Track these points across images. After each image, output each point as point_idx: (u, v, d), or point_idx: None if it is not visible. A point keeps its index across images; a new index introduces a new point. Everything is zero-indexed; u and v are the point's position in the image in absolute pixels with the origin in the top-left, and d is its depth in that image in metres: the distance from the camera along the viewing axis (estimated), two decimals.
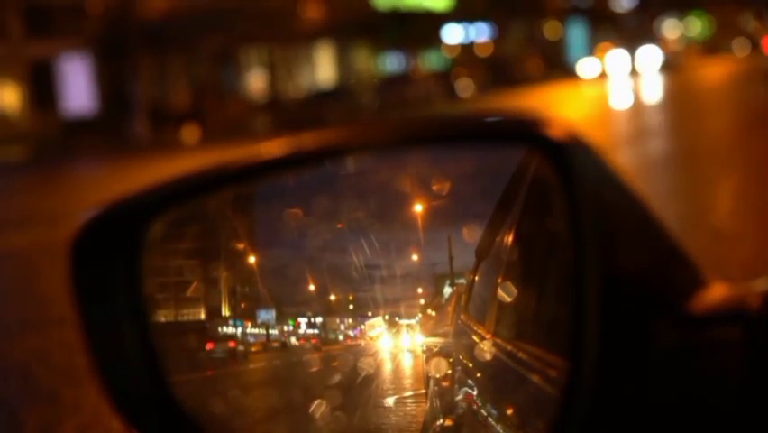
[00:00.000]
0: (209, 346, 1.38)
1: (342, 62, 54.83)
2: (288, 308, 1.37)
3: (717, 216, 10.08)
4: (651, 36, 59.09)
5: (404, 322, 1.34)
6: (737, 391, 1.00)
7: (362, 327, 1.36)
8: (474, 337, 1.41)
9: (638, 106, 30.58)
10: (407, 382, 1.39)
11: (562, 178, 1.07)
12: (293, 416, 1.35)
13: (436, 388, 1.40)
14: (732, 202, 11.06)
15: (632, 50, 55.59)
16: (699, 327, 1.03)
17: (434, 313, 1.35)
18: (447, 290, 1.35)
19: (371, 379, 1.36)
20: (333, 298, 1.36)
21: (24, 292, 10.29)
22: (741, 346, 1.02)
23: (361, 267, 1.31)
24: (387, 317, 1.34)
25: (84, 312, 1.17)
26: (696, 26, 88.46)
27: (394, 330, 1.34)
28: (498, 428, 1.28)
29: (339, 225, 1.33)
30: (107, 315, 1.20)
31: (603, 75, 53.55)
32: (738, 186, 12.09)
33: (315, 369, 1.36)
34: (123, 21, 39.00)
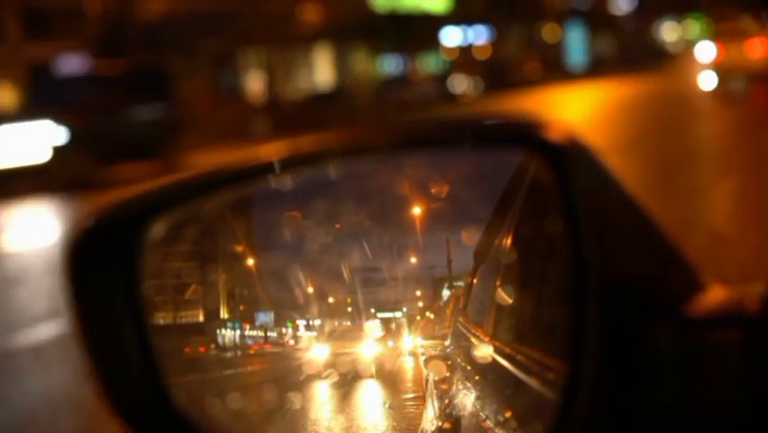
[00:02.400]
0: (206, 348, 1.38)
1: (341, 65, 54.86)
2: (286, 310, 1.37)
3: (716, 219, 10.09)
4: None
5: (402, 325, 1.34)
6: (736, 393, 1.01)
7: (361, 329, 1.36)
8: (473, 340, 1.41)
9: None
10: (406, 384, 1.39)
11: (560, 181, 1.07)
12: (291, 418, 1.35)
13: (434, 390, 1.40)
14: (730, 205, 11.07)
15: None
16: (698, 330, 1.03)
17: (432, 316, 1.35)
18: (445, 293, 1.35)
19: (369, 381, 1.36)
20: (331, 300, 1.36)
21: None
22: (740, 349, 1.02)
23: (359, 270, 1.31)
24: (385, 319, 1.34)
25: (82, 314, 1.17)
26: (694, 29, 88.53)
27: (392, 333, 1.34)
28: (497, 431, 1.28)
29: (337, 228, 1.32)
30: (106, 317, 1.19)
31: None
32: (736, 188, 12.10)
33: (313, 371, 1.36)
34: (121, 23, 39.01)
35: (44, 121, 20.81)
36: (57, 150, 20.66)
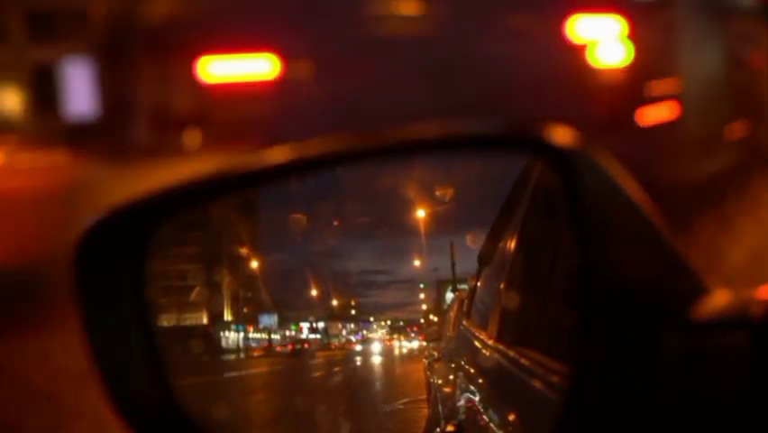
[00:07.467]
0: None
1: None
2: (290, 312, 1.37)
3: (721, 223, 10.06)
4: None
5: (406, 327, 1.34)
6: (742, 397, 1.00)
7: (364, 331, 1.36)
8: (476, 343, 1.41)
9: None
10: (409, 387, 1.39)
11: (566, 184, 1.07)
12: (295, 420, 1.35)
13: (438, 393, 1.40)
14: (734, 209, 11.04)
15: None
16: (703, 334, 1.03)
17: (436, 318, 1.35)
18: (449, 296, 1.35)
19: (373, 383, 1.36)
20: (335, 303, 1.36)
21: None
22: (745, 352, 1.01)
23: (363, 272, 1.32)
24: (389, 322, 1.34)
25: (87, 316, 1.17)
26: None
27: (396, 335, 1.34)
28: None
29: (342, 231, 1.33)
30: (111, 319, 1.20)
31: None
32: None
33: (317, 374, 1.36)
34: (125, 26, 39.05)
35: None
36: None
